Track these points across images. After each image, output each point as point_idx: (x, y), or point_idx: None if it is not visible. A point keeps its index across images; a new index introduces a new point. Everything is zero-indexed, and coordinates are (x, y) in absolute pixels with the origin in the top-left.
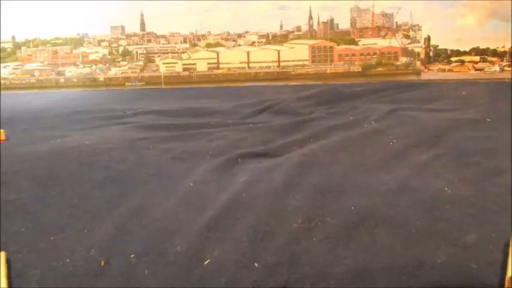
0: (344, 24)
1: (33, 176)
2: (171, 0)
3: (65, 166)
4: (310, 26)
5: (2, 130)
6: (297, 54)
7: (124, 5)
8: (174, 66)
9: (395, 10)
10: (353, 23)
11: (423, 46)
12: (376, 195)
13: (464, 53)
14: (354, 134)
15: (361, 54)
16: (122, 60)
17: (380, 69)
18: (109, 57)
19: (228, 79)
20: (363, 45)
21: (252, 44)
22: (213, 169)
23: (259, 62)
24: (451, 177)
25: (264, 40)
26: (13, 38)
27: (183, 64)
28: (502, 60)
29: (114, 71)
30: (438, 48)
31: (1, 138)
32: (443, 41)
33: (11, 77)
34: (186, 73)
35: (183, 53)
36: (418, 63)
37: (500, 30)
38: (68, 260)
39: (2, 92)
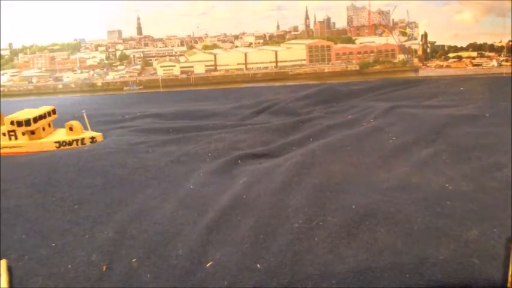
0: (341, 23)
1: (33, 183)
2: (168, 0)
3: (65, 172)
4: (307, 26)
5: (100, 133)
6: (294, 54)
7: (120, 9)
8: (172, 69)
9: (391, 8)
10: (350, 21)
11: (420, 43)
12: (377, 193)
13: (462, 49)
14: (353, 132)
15: (359, 53)
16: (120, 65)
17: (378, 67)
18: (106, 62)
19: (225, 81)
20: (360, 43)
21: (249, 45)
22: (213, 171)
23: (256, 63)
24: (451, 173)
25: (261, 41)
26: (10, 45)
27: (181, 67)
28: (500, 55)
29: (111, 76)
30: (435, 44)
31: (98, 140)
32: (441, 38)
33: (9, 84)
34: (184, 76)
35: (181, 55)
36: (416, 60)
37: (496, 26)
38: (69, 266)
39: (1, 100)
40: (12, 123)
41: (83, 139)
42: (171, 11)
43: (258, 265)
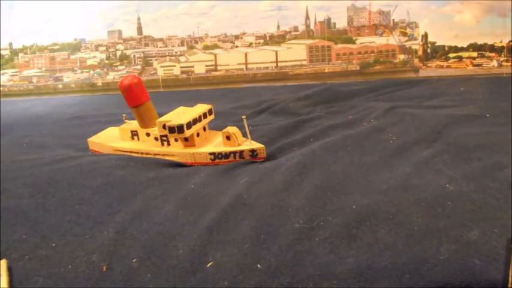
0: (341, 23)
1: (33, 183)
2: (168, 0)
3: (65, 172)
4: (307, 26)
5: (262, 146)
6: (294, 54)
7: (120, 9)
8: (172, 69)
9: (392, 8)
10: (350, 21)
11: (420, 43)
12: (377, 193)
13: (462, 49)
14: (353, 132)
15: (359, 53)
16: (120, 65)
17: (378, 67)
18: (107, 61)
19: (226, 81)
20: (361, 43)
21: (250, 45)
22: (214, 171)
23: (257, 63)
24: (452, 173)
25: (262, 41)
26: (10, 44)
27: (181, 67)
28: (500, 56)
29: (112, 76)
30: (436, 45)
31: (260, 154)
32: (441, 38)
33: (9, 84)
34: (184, 76)
35: (181, 55)
36: (416, 60)
37: (497, 26)
38: (69, 266)
39: (1, 99)
40: (164, 127)
41: (241, 152)
42: (171, 11)
43: (259, 265)
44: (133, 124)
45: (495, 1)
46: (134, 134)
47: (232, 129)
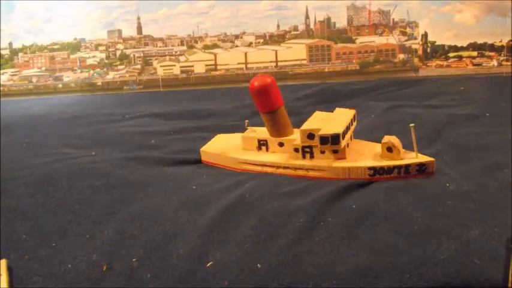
0: (341, 22)
1: (33, 183)
2: (168, 0)
3: (65, 172)
4: (307, 26)
5: (432, 159)
6: (294, 53)
7: (120, 9)
8: (172, 69)
9: (391, 8)
10: (350, 21)
11: (420, 43)
12: (377, 192)
13: (462, 49)
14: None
15: (359, 52)
16: (120, 64)
17: (378, 66)
18: (106, 61)
19: (226, 80)
20: (360, 43)
21: (249, 44)
22: (215, 171)
23: (257, 63)
24: (452, 173)
25: (261, 41)
26: (10, 44)
27: (181, 66)
28: (500, 55)
29: (112, 75)
30: (436, 44)
31: (430, 168)
32: (441, 37)
33: (9, 84)
34: (184, 75)
35: (181, 55)
36: (416, 59)
37: (497, 25)
38: (69, 265)
39: (1, 99)
40: (309, 136)
41: (407, 166)
42: (171, 11)
43: (259, 265)
44: (259, 132)
45: (495, 1)
46: (262, 143)
47: (394, 140)
